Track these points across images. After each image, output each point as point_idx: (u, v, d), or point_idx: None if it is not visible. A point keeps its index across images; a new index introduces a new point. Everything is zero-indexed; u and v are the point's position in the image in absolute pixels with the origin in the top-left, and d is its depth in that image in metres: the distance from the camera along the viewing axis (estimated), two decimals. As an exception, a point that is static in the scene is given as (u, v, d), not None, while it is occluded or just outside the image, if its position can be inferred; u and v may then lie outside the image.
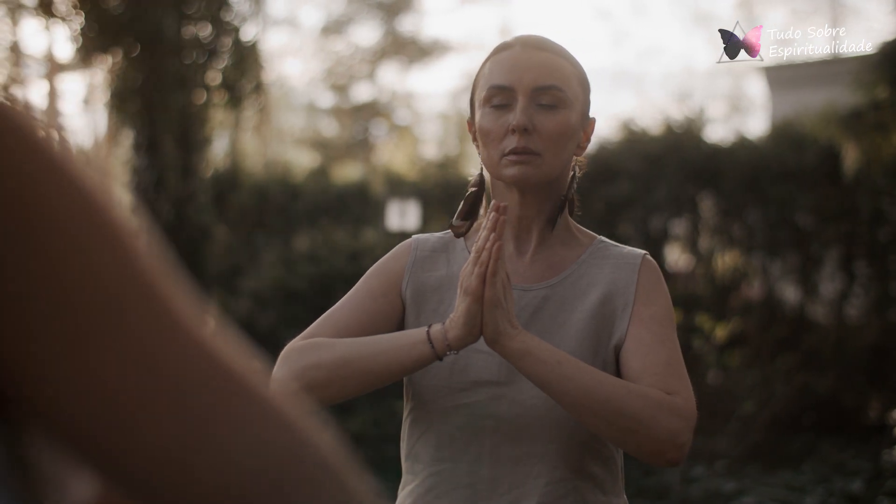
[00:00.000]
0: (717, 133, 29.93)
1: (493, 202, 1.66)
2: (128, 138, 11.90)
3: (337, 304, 1.83)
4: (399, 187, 10.76)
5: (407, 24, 35.87)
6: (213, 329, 0.60)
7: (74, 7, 11.05)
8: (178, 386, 0.57)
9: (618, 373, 1.74)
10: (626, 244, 1.83)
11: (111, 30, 10.85)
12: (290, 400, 0.62)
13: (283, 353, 1.73)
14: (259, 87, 12.92)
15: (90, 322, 0.55)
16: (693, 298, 7.58)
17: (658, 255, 8.46)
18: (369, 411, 6.68)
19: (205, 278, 11.20)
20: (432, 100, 37.91)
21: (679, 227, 8.60)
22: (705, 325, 6.57)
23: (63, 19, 11.47)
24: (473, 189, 1.91)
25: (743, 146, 8.25)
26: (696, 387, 5.47)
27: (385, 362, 1.66)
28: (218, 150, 15.58)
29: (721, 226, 8.32)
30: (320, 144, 34.07)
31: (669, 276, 8.36)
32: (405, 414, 1.86)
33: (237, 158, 13.97)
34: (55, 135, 0.57)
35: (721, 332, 6.57)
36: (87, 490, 0.63)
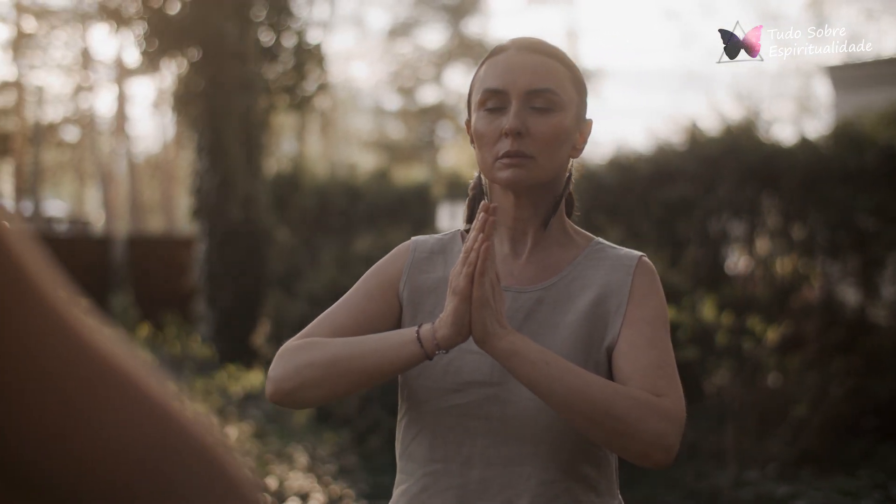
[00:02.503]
0: (786, 134, 29.55)
1: (482, 203, 1.67)
2: (192, 141, 12.07)
3: (335, 304, 1.86)
4: (459, 189, 10.77)
5: (473, 27, 35.95)
6: (94, 324, 0.62)
7: (137, 13, 11.23)
8: (51, 370, 0.59)
9: (610, 374, 1.75)
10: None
11: (173, 35, 11.01)
12: (170, 391, 0.64)
13: (278, 352, 1.76)
14: (322, 89, 13.01)
15: None
16: (747, 301, 7.50)
17: (717, 257, 8.39)
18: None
19: (265, 280, 11.32)
20: (498, 102, 37.66)
21: (738, 229, 8.52)
22: (756, 328, 6.50)
23: (126, 25, 11.66)
24: (473, 192, 1.93)
25: (803, 147, 8.15)
26: (750, 389, 5.39)
27: (376, 361, 1.68)
28: (282, 152, 15.66)
29: (781, 228, 8.22)
30: (386, 147, 34.23)
31: (729, 279, 8.29)
32: (400, 415, 1.88)
33: (300, 161, 14.08)
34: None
35: (772, 335, 6.49)
36: None
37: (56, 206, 30.68)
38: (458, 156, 29.14)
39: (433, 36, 41.82)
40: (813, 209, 7.98)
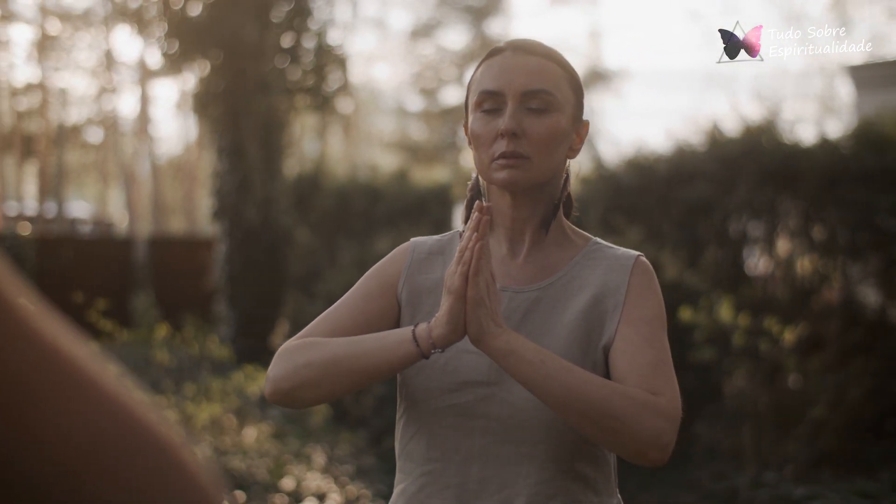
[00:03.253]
0: (808, 134, 29.42)
1: (476, 203, 1.68)
2: (213, 143, 12.12)
3: (334, 304, 1.87)
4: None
5: (495, 28, 35.88)
6: (58, 327, 0.63)
7: (158, 15, 11.29)
8: (17, 375, 0.59)
9: (608, 374, 1.75)
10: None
11: (194, 37, 11.05)
12: (125, 386, 0.64)
13: (277, 352, 1.78)
14: (343, 90, 13.03)
15: None
16: (766, 301, 7.46)
17: (737, 257, 8.35)
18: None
19: (284, 280, 11.35)
20: (521, 103, 37.64)
21: (758, 229, 8.48)
22: (773, 329, 6.46)
23: (147, 28, 11.72)
24: (471, 193, 1.93)
25: (823, 148, 8.10)
26: (768, 390, 5.36)
27: (373, 361, 1.69)
28: (304, 153, 15.67)
29: (801, 228, 8.18)
30: (408, 148, 34.26)
31: (748, 280, 8.25)
32: (398, 414, 1.89)
33: (321, 162, 14.10)
34: None
35: (789, 336, 6.45)
36: None
37: (80, 208, 30.91)
38: (479, 156, 29.14)
39: (455, 37, 41.78)
40: (833, 209, 7.93)
